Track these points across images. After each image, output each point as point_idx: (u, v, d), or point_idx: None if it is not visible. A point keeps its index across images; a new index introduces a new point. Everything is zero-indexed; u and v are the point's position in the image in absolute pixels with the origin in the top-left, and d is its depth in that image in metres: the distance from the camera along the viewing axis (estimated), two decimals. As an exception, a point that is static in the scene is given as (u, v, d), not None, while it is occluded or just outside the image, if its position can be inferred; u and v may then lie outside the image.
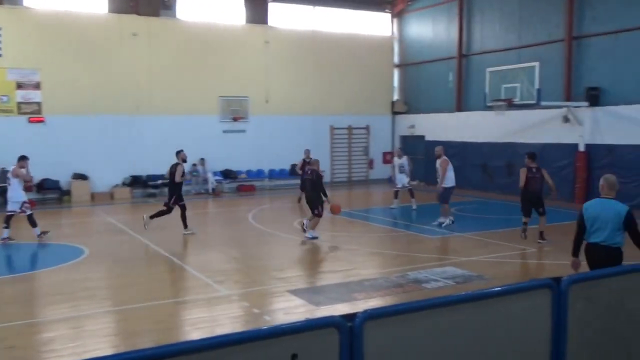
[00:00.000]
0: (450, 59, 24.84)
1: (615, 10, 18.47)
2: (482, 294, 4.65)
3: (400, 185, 18.14)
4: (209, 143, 23.39)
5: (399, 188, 18.17)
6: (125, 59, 21.91)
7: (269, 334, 3.66)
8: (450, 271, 10.16)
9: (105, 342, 7.01)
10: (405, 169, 18.13)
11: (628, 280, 5.35)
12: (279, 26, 25.07)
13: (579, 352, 4.97)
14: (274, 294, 9.11)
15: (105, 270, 10.92)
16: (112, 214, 17.83)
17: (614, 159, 18.21)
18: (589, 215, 6.64)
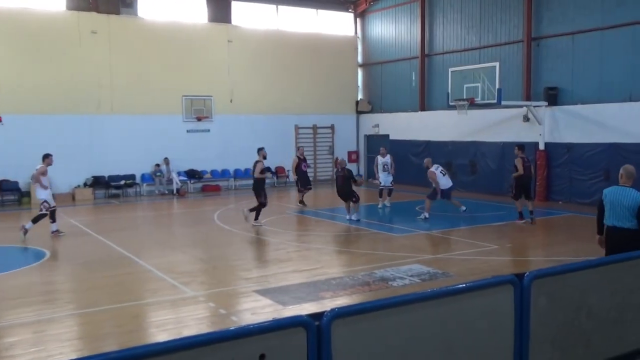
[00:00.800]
0: (413, 59, 25.11)
1: (571, 12, 18.95)
2: (447, 291, 4.72)
3: (383, 184, 18.26)
4: (173, 143, 23.15)
5: (382, 187, 18.28)
6: (84, 57, 21.51)
7: (236, 334, 3.65)
8: (416, 269, 10.27)
9: (68, 346, 6.87)
10: (389, 167, 18.31)
11: (588, 275, 5.50)
12: (242, 25, 24.95)
13: (541, 347, 5.09)
14: (240, 294, 9.06)
15: (68, 273, 10.71)
16: (74, 215, 17.48)
17: (572, 157, 18.68)
18: (608, 201, 7.35)
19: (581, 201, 18.27)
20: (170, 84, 23.07)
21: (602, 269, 5.63)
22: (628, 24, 17.33)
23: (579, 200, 18.36)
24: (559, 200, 19.01)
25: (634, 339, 5.92)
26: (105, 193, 22.07)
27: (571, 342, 5.33)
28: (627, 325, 5.82)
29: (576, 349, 5.38)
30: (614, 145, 17.44)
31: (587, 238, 13.11)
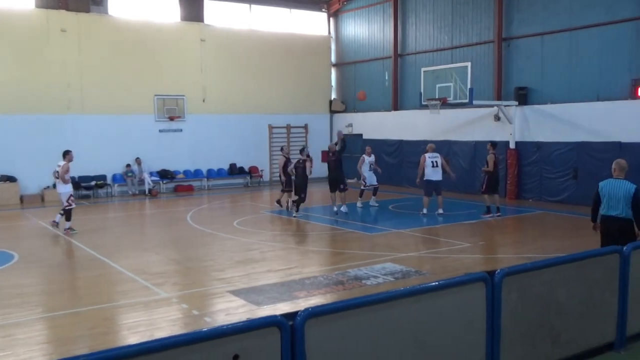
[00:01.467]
0: (386, 59, 25.25)
1: (540, 13, 19.26)
2: (420, 288, 4.77)
3: (369, 183, 18.25)
4: (145, 143, 22.90)
5: (368, 186, 18.27)
6: (54, 56, 21.14)
7: (209, 335, 3.64)
8: (389, 267, 10.34)
9: (38, 350, 6.76)
10: (373, 166, 18.37)
11: (557, 272, 5.60)
12: (215, 24, 24.79)
13: (513, 342, 5.17)
14: (214, 295, 9.01)
15: (37, 276, 10.52)
16: (43, 217, 17.17)
17: (542, 156, 18.99)
18: (605, 192, 7.93)
19: (551, 199, 18.58)
20: (142, 84, 22.81)
21: (571, 266, 5.74)
22: (595, 25, 17.68)
23: (549, 198, 18.67)
24: (529, 198, 19.30)
25: (602, 334, 6.06)
26: (75, 194, 21.67)
27: (541, 338, 5.43)
28: (595, 320, 5.94)
29: (546, 344, 5.47)
30: (582, 144, 17.78)
31: (557, 235, 13.39)
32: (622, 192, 7.79)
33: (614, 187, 7.88)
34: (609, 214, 7.92)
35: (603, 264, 6.01)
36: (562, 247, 11.48)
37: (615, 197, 7.83)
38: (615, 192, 7.84)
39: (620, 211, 7.80)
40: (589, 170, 17.54)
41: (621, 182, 7.89)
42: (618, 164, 8.10)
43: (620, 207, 7.79)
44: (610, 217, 7.91)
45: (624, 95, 17.01)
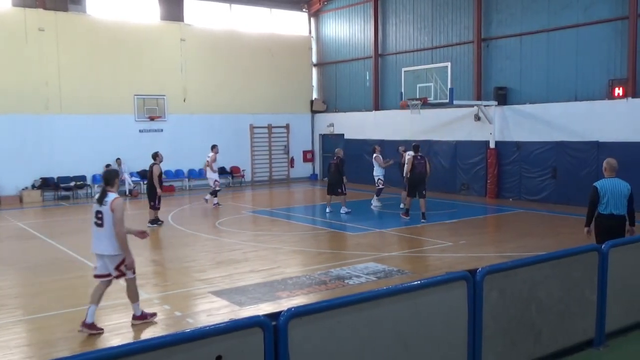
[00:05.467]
0: (366, 59, 25.32)
1: (518, 14, 19.46)
2: (402, 288, 4.79)
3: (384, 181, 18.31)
4: (125, 143, 22.70)
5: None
6: (32, 55, 20.88)
7: (192, 336, 3.62)
8: (371, 267, 10.37)
9: (18, 353, 6.67)
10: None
11: (538, 270, 5.66)
12: (195, 24, 24.66)
13: (494, 340, 5.21)
14: (196, 295, 8.96)
15: (16, 278, 10.38)
16: (22, 218, 16.95)
17: (522, 155, 19.18)
18: (604, 192, 8.02)
19: (530, 198, 18.79)
20: (121, 83, 22.61)
21: (551, 264, 5.81)
22: (573, 26, 17.91)
23: (528, 197, 18.87)
24: (509, 197, 19.50)
25: (582, 331, 6.14)
26: (54, 195, 21.47)
27: (522, 335, 5.48)
28: (575, 318, 6.02)
29: (527, 341, 5.53)
30: (560, 144, 18.01)
31: (537, 234, 13.53)
32: (618, 190, 8.00)
33: (614, 186, 8.03)
34: (613, 213, 8.01)
35: (582, 262, 6.09)
36: (542, 245, 11.60)
37: (618, 196, 8.00)
38: (617, 191, 8.00)
39: (622, 209, 8.02)
40: (568, 170, 17.78)
41: (618, 181, 8.08)
42: (609, 163, 8.23)
43: (622, 205, 8.01)
44: (613, 215, 8.01)
45: (601, 95, 17.25)
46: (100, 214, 7.15)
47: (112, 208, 7.07)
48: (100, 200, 7.16)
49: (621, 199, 8.01)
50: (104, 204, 7.12)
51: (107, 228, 7.13)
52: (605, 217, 8.04)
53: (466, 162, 20.94)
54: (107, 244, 7.17)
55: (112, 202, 7.10)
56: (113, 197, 7.16)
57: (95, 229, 7.23)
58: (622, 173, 8.32)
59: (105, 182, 7.33)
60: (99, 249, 7.26)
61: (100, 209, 7.15)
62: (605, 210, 8.03)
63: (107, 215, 7.10)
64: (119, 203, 7.16)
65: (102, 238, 7.18)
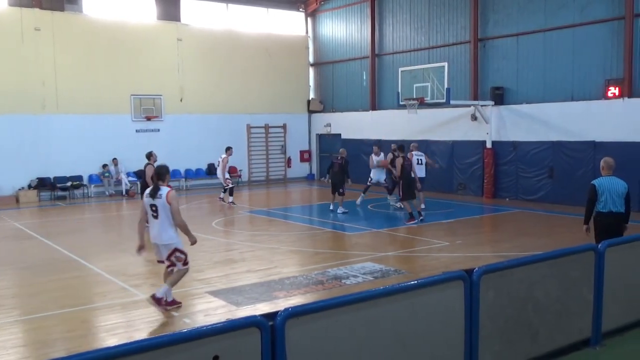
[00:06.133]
0: (363, 59, 25.33)
1: (515, 14, 19.49)
2: (399, 288, 4.80)
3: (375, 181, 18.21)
4: (122, 143, 22.66)
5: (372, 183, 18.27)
6: (28, 55, 20.83)
7: (189, 336, 3.62)
8: (368, 267, 10.37)
9: (14, 353, 6.65)
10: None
11: (534, 270, 5.67)
12: (192, 24, 24.63)
13: (491, 340, 5.22)
14: (193, 295, 8.95)
15: (12, 278, 10.36)
16: (18, 218, 16.92)
17: (518, 155, 19.21)
18: (605, 190, 8.15)
19: (527, 198, 18.82)
20: (118, 83, 22.57)
21: (548, 264, 5.82)
22: (569, 26, 17.94)
23: (525, 196, 18.90)
24: (505, 197, 19.52)
25: (578, 330, 6.15)
26: (51, 195, 21.42)
27: (519, 335, 5.49)
28: (571, 317, 6.03)
29: (524, 341, 5.54)
30: (557, 144, 18.04)
31: (533, 233, 13.55)
32: (621, 189, 8.17)
33: (613, 184, 8.18)
34: (612, 210, 8.15)
35: (579, 261, 6.10)
36: (538, 245, 11.62)
37: (617, 194, 8.16)
38: (615, 189, 8.15)
39: (620, 207, 8.19)
40: (564, 169, 17.81)
41: (616, 179, 8.24)
42: (607, 162, 8.38)
43: (620, 203, 8.18)
44: (612, 213, 8.15)
45: (597, 95, 17.29)
46: (155, 207, 7.61)
47: (168, 201, 7.54)
48: (154, 194, 7.58)
49: (619, 197, 8.15)
50: (158, 197, 7.56)
51: (162, 219, 7.62)
52: (605, 215, 8.16)
53: (463, 162, 20.96)
54: (162, 233, 7.68)
55: (167, 195, 7.57)
56: (167, 191, 7.62)
57: (152, 221, 7.73)
58: (619, 173, 8.37)
59: (157, 177, 7.73)
60: (156, 239, 7.78)
61: (155, 202, 7.59)
62: (604, 208, 8.17)
63: (163, 207, 7.57)
64: (174, 195, 7.69)
65: (158, 228, 7.69)
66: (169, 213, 7.59)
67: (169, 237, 7.70)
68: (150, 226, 7.82)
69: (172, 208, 7.56)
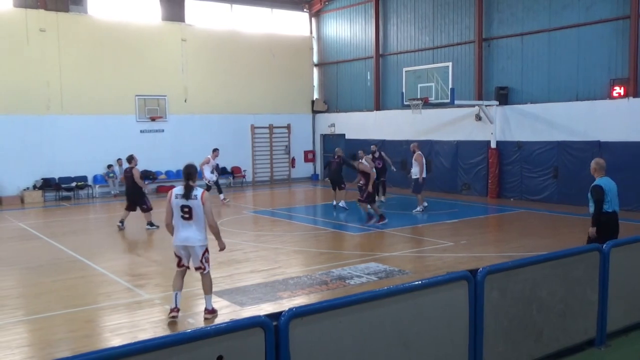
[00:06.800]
0: (368, 59, 25.31)
1: (520, 14, 19.44)
2: (404, 288, 4.79)
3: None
4: (126, 143, 22.63)
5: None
6: (33, 56, 20.90)
7: (193, 336, 3.62)
8: (372, 267, 10.37)
9: (19, 353, 6.67)
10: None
11: (539, 270, 5.65)
12: (196, 24, 24.67)
13: (495, 340, 5.21)
14: (197, 296, 8.95)
15: (17, 278, 10.39)
16: (23, 219, 16.97)
17: (523, 155, 19.17)
18: (609, 190, 8.26)
19: (532, 198, 18.77)
20: (122, 84, 22.63)
21: (552, 264, 5.80)
22: (574, 26, 17.89)
23: (530, 196, 18.86)
24: (510, 197, 19.48)
25: (583, 331, 6.13)
26: (55, 195, 21.48)
27: (523, 335, 5.48)
28: (576, 317, 6.01)
29: (528, 341, 5.53)
30: (562, 144, 17.99)
31: (538, 233, 13.52)
32: (615, 188, 8.36)
33: (611, 184, 8.33)
34: (615, 210, 8.31)
35: (584, 261, 6.09)
36: (543, 245, 11.59)
37: (615, 193, 8.35)
38: (614, 189, 8.33)
39: (618, 206, 8.39)
40: (569, 169, 17.76)
41: (610, 179, 8.40)
42: (599, 163, 8.48)
43: (617, 202, 8.37)
44: (615, 212, 8.33)
45: (602, 95, 17.24)
46: (188, 208, 7.44)
47: (203, 201, 7.41)
48: (188, 196, 7.42)
49: (616, 196, 8.35)
50: (192, 198, 7.42)
51: (197, 220, 7.48)
52: (610, 215, 8.27)
53: (467, 162, 20.93)
54: (198, 235, 7.53)
55: (202, 195, 7.46)
56: (202, 191, 7.53)
57: (182, 223, 7.49)
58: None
59: (187, 177, 7.58)
60: (189, 241, 7.55)
61: (188, 203, 7.43)
62: (609, 208, 8.26)
63: (198, 208, 7.42)
64: (208, 195, 7.62)
65: (192, 230, 7.51)
66: (202, 214, 7.46)
67: (204, 237, 7.61)
68: (181, 228, 7.55)
69: (206, 208, 7.44)
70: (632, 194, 16.11)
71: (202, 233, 7.58)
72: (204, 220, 7.52)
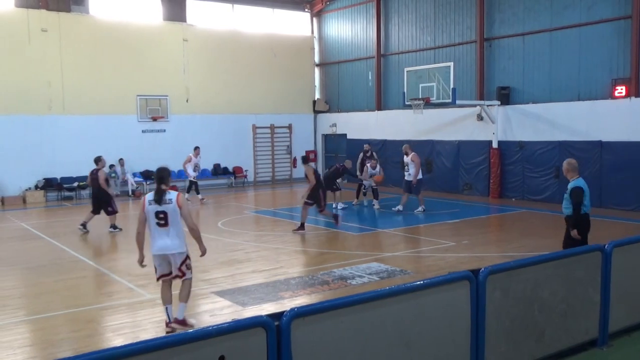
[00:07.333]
0: (369, 59, 25.31)
1: (521, 14, 19.42)
2: (405, 288, 4.79)
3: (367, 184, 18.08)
4: (128, 143, 22.73)
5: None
6: (35, 56, 20.92)
7: (195, 336, 3.63)
8: (374, 267, 10.37)
9: (21, 353, 6.68)
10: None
11: (541, 270, 5.65)
12: (198, 24, 24.68)
13: (497, 340, 5.20)
14: (199, 295, 8.96)
15: (19, 278, 10.40)
16: (25, 219, 16.99)
17: (525, 155, 19.15)
18: (586, 193, 8.29)
19: (533, 198, 18.75)
20: (124, 84, 22.64)
21: (554, 264, 5.80)
22: (576, 25, 17.87)
23: (531, 196, 18.84)
24: (512, 197, 19.46)
25: (585, 331, 6.13)
26: (57, 195, 21.51)
27: (525, 335, 5.47)
28: (578, 317, 6.01)
29: (530, 341, 5.52)
30: (563, 144, 17.96)
31: (540, 234, 13.50)
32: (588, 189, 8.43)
33: (586, 185, 8.39)
34: (588, 212, 8.38)
35: (585, 261, 6.08)
36: (545, 245, 11.58)
37: (589, 195, 8.42)
38: (588, 191, 8.40)
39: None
40: (571, 169, 17.71)
41: (584, 181, 8.48)
42: (573, 164, 8.58)
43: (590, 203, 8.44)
44: (588, 214, 8.39)
45: (604, 94, 17.21)
46: (163, 214, 6.98)
47: (179, 204, 6.98)
48: (160, 200, 6.95)
49: (588, 198, 8.37)
50: (167, 203, 6.96)
51: (173, 226, 7.04)
52: (587, 216, 8.38)
53: (469, 162, 20.92)
54: (176, 241, 7.09)
55: (177, 198, 7.01)
56: (176, 194, 7.05)
57: (158, 230, 7.04)
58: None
59: (160, 181, 7.05)
60: (167, 249, 7.11)
61: (163, 208, 6.96)
62: (587, 209, 8.37)
63: (174, 212, 6.99)
64: (184, 198, 7.16)
65: (169, 237, 7.05)
66: (179, 218, 7.04)
67: (183, 244, 7.15)
68: (156, 236, 7.08)
69: (183, 211, 7.01)
70: (632, 194, 16.12)
71: (181, 239, 7.11)
72: (181, 226, 7.07)
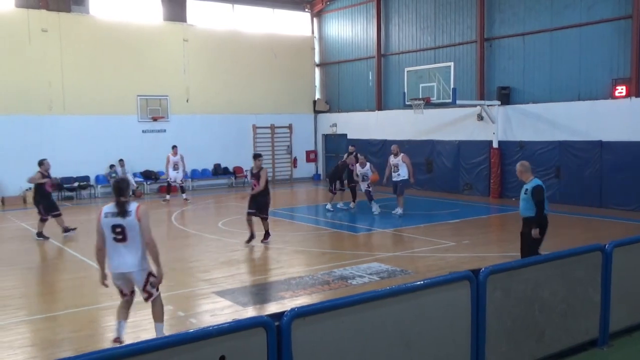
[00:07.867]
0: (369, 59, 25.31)
1: (521, 14, 19.42)
2: (406, 288, 4.79)
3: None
4: (128, 143, 22.73)
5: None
6: (35, 56, 20.92)
7: (196, 336, 3.63)
8: (374, 267, 10.37)
9: (21, 353, 6.68)
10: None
11: (541, 270, 5.65)
12: (198, 24, 24.68)
13: (497, 340, 5.20)
14: (199, 295, 8.97)
15: (19, 278, 10.40)
16: (25, 219, 16.99)
17: (525, 155, 19.12)
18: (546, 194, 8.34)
19: (533, 198, 18.72)
20: (124, 84, 22.64)
21: (554, 264, 5.80)
22: (575, 26, 17.87)
23: (532, 196, 18.80)
24: (512, 197, 19.44)
25: (585, 331, 6.12)
26: (58, 195, 21.48)
27: (525, 335, 5.47)
28: (578, 317, 6.01)
29: (530, 341, 5.53)
30: (564, 143, 17.96)
31: (539, 233, 13.48)
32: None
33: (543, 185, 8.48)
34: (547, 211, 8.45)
35: (586, 261, 6.08)
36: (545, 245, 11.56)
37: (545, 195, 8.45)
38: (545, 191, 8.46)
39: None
40: (571, 169, 17.73)
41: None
42: (526, 166, 8.74)
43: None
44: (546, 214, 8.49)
45: (604, 94, 17.21)
46: (120, 228, 6.23)
47: (138, 217, 6.22)
48: (122, 213, 6.22)
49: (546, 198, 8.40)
50: (127, 215, 6.22)
51: (132, 242, 6.29)
52: (546, 216, 8.45)
53: (469, 162, 20.92)
54: (133, 259, 6.34)
55: (137, 211, 6.25)
56: (136, 206, 6.30)
57: (114, 246, 6.31)
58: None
59: (118, 192, 6.29)
60: (124, 267, 6.37)
61: (121, 222, 6.22)
62: (547, 210, 8.47)
63: (132, 226, 6.24)
64: (145, 210, 6.35)
65: (126, 254, 6.32)
66: (139, 233, 6.26)
67: (144, 261, 6.40)
68: (114, 253, 6.33)
69: (142, 225, 6.23)
70: (633, 194, 16.12)
71: (140, 256, 6.34)
72: (141, 241, 6.29)
